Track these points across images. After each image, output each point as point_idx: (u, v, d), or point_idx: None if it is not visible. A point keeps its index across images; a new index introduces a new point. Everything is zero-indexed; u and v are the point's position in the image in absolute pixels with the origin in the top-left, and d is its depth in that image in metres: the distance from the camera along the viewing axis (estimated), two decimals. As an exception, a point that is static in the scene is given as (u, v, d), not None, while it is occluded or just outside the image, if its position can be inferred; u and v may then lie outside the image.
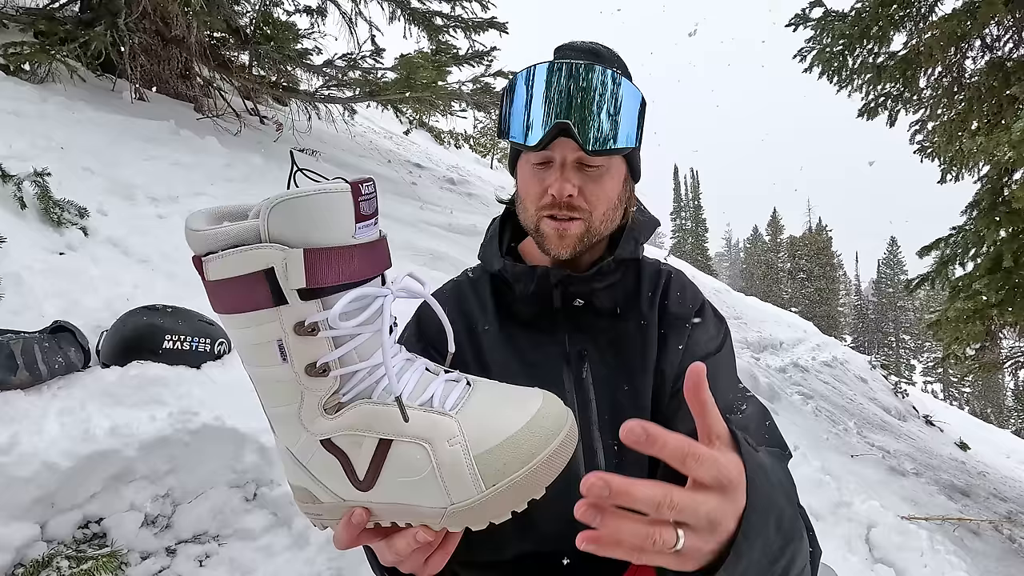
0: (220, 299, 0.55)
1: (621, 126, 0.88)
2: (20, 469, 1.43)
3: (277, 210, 0.52)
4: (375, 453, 0.55)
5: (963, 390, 38.33)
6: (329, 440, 0.56)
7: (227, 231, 0.53)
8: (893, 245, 49.30)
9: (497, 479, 0.53)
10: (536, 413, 0.55)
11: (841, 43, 5.83)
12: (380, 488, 0.55)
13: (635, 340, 0.94)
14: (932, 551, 3.76)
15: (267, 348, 0.55)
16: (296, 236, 0.52)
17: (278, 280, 0.52)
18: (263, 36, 6.15)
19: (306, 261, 0.52)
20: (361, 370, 0.56)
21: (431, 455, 0.53)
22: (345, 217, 0.54)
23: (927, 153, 6.60)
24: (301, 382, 0.55)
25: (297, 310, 0.53)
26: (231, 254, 0.52)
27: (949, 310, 5.40)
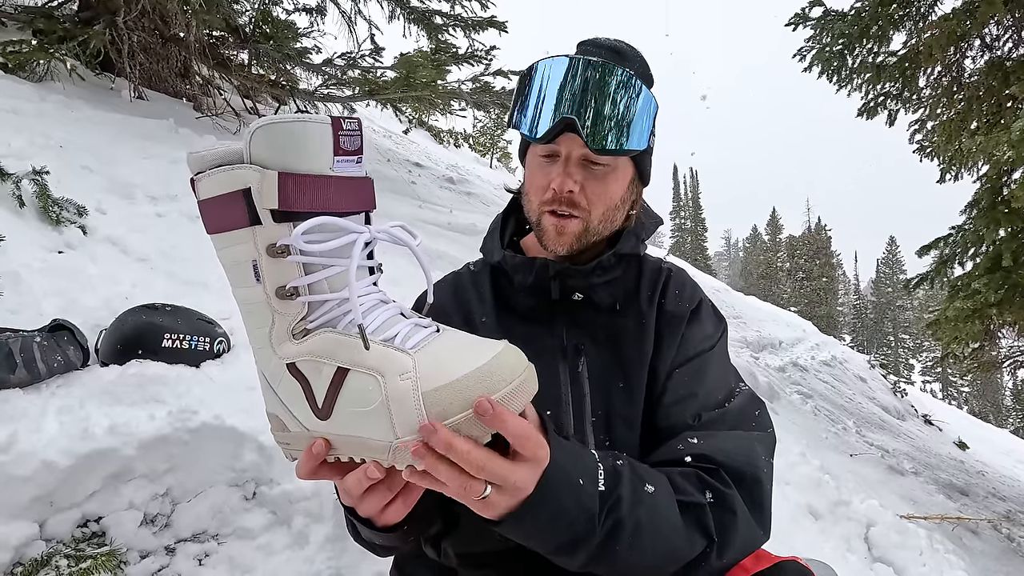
0: (207, 218, 0.59)
1: (630, 128, 0.87)
2: (19, 468, 1.42)
3: (259, 134, 0.55)
4: (332, 380, 0.57)
5: (962, 389, 38.37)
6: (294, 364, 0.59)
7: (216, 152, 0.57)
8: (892, 245, 49.34)
9: (442, 417, 0.54)
10: (490, 360, 0.56)
11: (841, 42, 5.84)
12: (336, 418, 0.58)
13: (632, 337, 0.94)
14: (931, 550, 3.77)
15: (244, 268, 0.58)
16: (274, 160, 0.55)
17: (253, 200, 0.55)
18: (262, 35, 6.14)
19: (280, 183, 0.54)
20: (330, 300, 0.59)
21: (383, 387, 0.55)
22: (323, 147, 0.56)
23: (926, 153, 6.61)
24: (272, 304, 0.58)
25: (269, 231, 0.56)
26: (216, 172, 0.57)
27: (948, 309, 5.41)
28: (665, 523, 0.71)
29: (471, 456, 0.54)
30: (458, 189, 8.32)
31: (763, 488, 0.81)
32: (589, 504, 0.65)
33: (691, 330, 0.96)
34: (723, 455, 0.80)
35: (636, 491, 0.69)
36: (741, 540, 0.76)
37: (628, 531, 0.67)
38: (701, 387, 0.91)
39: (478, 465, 0.55)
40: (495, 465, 0.56)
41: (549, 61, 0.89)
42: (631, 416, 0.90)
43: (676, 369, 0.93)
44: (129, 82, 5.19)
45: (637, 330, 0.94)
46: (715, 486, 0.77)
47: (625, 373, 0.92)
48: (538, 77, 0.89)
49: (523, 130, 0.91)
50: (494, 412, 0.54)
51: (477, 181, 9.58)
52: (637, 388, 0.91)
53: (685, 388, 0.91)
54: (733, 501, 0.77)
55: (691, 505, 0.74)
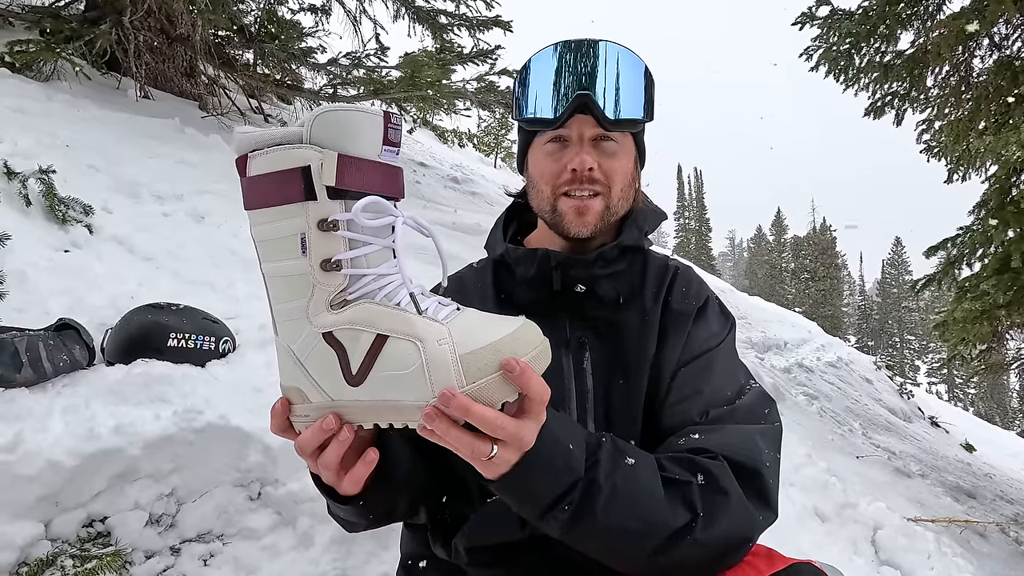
0: (256, 193, 0.63)
1: (633, 98, 0.91)
2: (24, 467, 1.42)
3: (320, 119, 0.61)
4: (371, 346, 0.62)
5: (968, 391, 38.16)
6: (331, 333, 0.63)
7: (274, 132, 0.63)
8: (898, 245, 49.12)
9: (477, 377, 0.59)
10: (515, 330, 0.63)
11: (848, 42, 5.80)
12: (369, 384, 0.62)
13: (635, 333, 0.93)
14: (939, 553, 3.74)
15: (290, 241, 0.63)
16: (332, 143, 0.61)
17: (312, 177, 0.60)
18: (267, 34, 6.15)
19: (339, 163, 0.60)
20: (369, 275, 0.64)
21: (421, 351, 0.60)
22: (375, 136, 0.63)
23: (934, 153, 6.57)
24: (315, 276, 0.63)
25: (323, 206, 0.61)
26: (275, 151, 0.62)
27: (956, 311, 5.37)
28: (643, 492, 0.72)
29: (486, 416, 0.59)
30: (463, 189, 8.32)
31: (763, 479, 0.80)
32: (575, 466, 0.69)
33: (697, 328, 0.95)
34: (722, 448, 0.80)
35: (615, 460, 0.72)
36: (731, 519, 0.74)
37: (605, 493, 0.69)
38: (708, 385, 0.90)
39: (492, 423, 0.60)
40: (508, 424, 0.61)
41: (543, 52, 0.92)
42: (631, 414, 0.90)
43: (682, 368, 0.92)
44: (135, 81, 5.21)
45: (640, 326, 0.94)
46: (708, 469, 0.77)
47: (626, 370, 0.91)
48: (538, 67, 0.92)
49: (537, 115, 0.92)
50: (522, 370, 0.59)
51: (481, 181, 9.57)
52: (637, 386, 0.90)
53: (691, 386, 0.90)
54: (725, 483, 0.76)
55: (675, 481, 0.75)
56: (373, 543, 1.74)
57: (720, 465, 0.77)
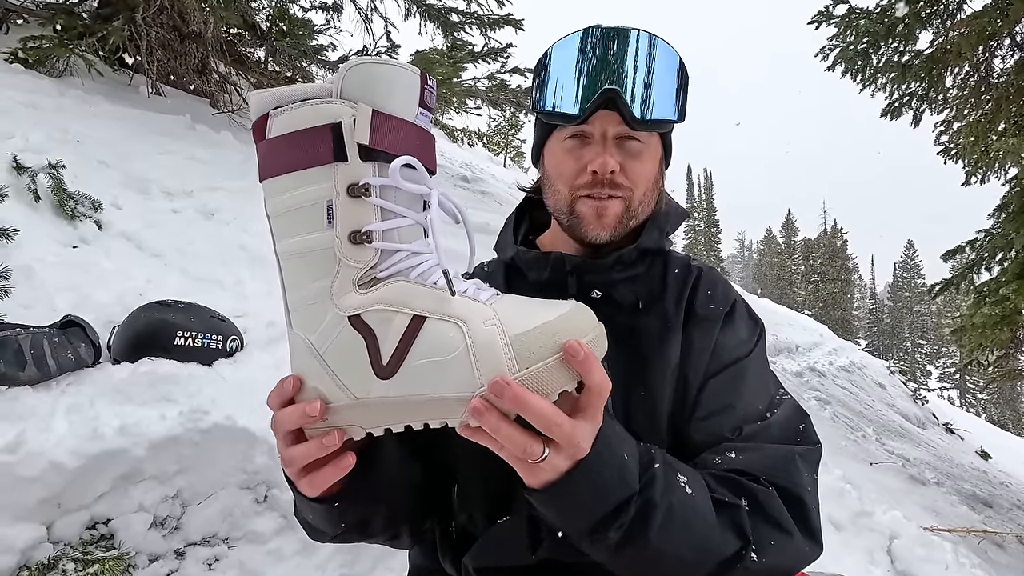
0: (277, 156, 0.56)
1: (667, 96, 0.83)
2: (26, 468, 1.39)
3: (354, 72, 0.55)
4: (407, 330, 0.54)
5: (980, 397, 37.69)
6: (359, 316, 0.56)
7: (300, 88, 0.56)
8: (910, 248, 48.62)
9: (531, 362, 0.52)
10: (569, 311, 0.56)
11: (865, 41, 5.71)
12: (402, 375, 0.54)
13: (656, 340, 0.87)
14: (957, 564, 3.65)
15: (313, 211, 0.56)
16: (367, 98, 0.55)
17: (343, 135, 0.54)
18: (279, 32, 6.14)
19: (373, 120, 0.54)
20: (402, 251, 0.57)
21: (466, 333, 0.53)
22: (412, 96, 0.57)
23: (951, 154, 6.45)
24: (341, 250, 0.55)
25: (354, 168, 0.55)
26: (301, 106, 0.55)
27: (975, 315, 5.27)
28: (697, 514, 0.65)
29: (544, 410, 0.52)
30: (472, 188, 8.28)
31: (806, 507, 0.74)
32: (630, 480, 0.61)
33: (725, 335, 0.88)
34: (762, 470, 0.74)
35: (668, 476, 0.65)
36: (780, 550, 0.69)
37: (660, 514, 0.62)
38: (739, 398, 0.83)
39: (551, 420, 0.52)
40: (564, 420, 0.53)
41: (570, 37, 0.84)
42: (653, 429, 0.83)
43: (710, 379, 0.85)
44: (147, 78, 5.21)
45: (662, 332, 0.87)
46: (754, 495, 0.71)
47: (646, 380, 0.84)
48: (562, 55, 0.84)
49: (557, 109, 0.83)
50: (586, 354, 0.52)
51: (491, 180, 9.53)
52: (659, 397, 0.83)
53: (721, 399, 0.83)
54: (775, 511, 0.70)
55: (726, 504, 0.68)
56: (380, 549, 1.70)
57: (768, 492, 0.71)
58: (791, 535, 0.70)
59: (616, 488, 0.60)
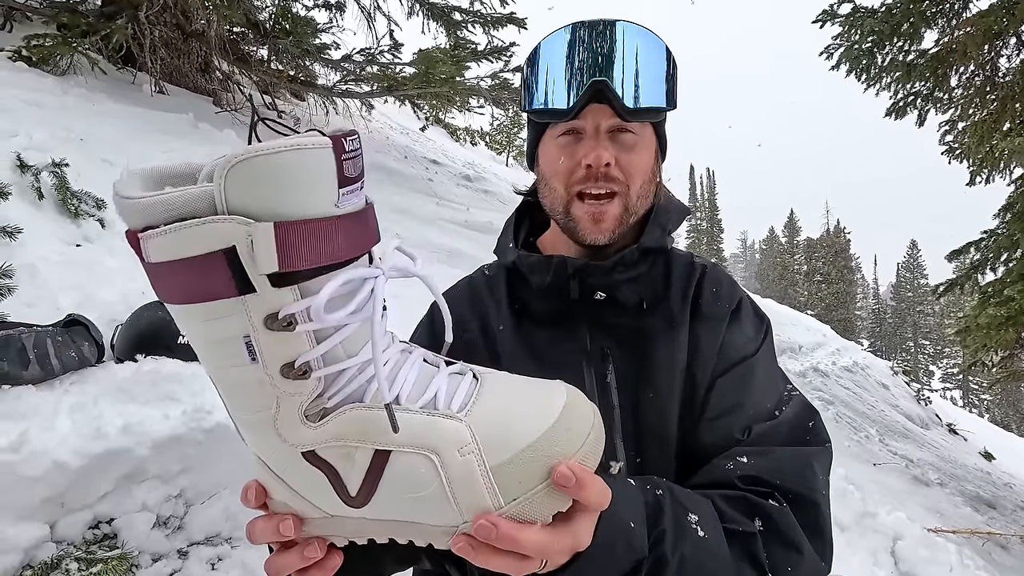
0: (166, 286, 0.44)
1: (656, 84, 0.82)
2: (29, 468, 1.39)
3: (236, 171, 0.41)
4: (370, 466, 0.47)
5: (983, 397, 37.56)
6: (313, 452, 0.48)
7: (171, 199, 0.42)
8: (914, 248, 48.49)
9: (518, 493, 0.46)
10: (560, 415, 0.48)
11: (870, 40, 5.68)
12: (376, 505, 0.48)
13: (662, 340, 0.85)
14: (961, 566, 3.64)
15: (230, 346, 0.45)
16: (262, 206, 0.42)
17: (242, 263, 0.42)
18: (282, 31, 6.14)
19: (278, 238, 0.41)
20: (350, 368, 0.47)
21: (439, 467, 0.46)
22: (326, 181, 0.43)
23: (955, 154, 6.43)
24: (276, 385, 0.46)
25: (267, 300, 0.43)
26: (177, 230, 0.42)
27: (980, 316, 5.24)
28: (711, 557, 0.64)
29: (538, 544, 0.48)
30: (475, 187, 8.27)
31: (820, 512, 0.73)
32: (639, 547, 0.59)
33: (732, 333, 0.86)
34: (777, 476, 0.73)
35: (679, 524, 0.63)
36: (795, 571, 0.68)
37: (673, 568, 0.61)
38: (748, 397, 0.82)
39: (549, 549, 0.49)
40: (561, 542, 0.51)
41: (557, 33, 0.83)
42: (662, 430, 0.81)
43: (718, 378, 0.83)
44: (150, 76, 5.21)
45: (667, 332, 0.85)
46: (766, 512, 0.70)
47: (654, 381, 0.83)
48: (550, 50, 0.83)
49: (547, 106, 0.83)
50: (578, 481, 0.47)
51: (494, 179, 9.52)
52: (668, 398, 0.82)
53: (730, 399, 0.82)
54: (787, 529, 0.69)
55: (739, 534, 0.67)
56: (384, 549, 1.70)
57: (782, 510, 0.70)
58: (803, 554, 0.70)
59: (624, 557, 0.58)
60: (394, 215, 5.10)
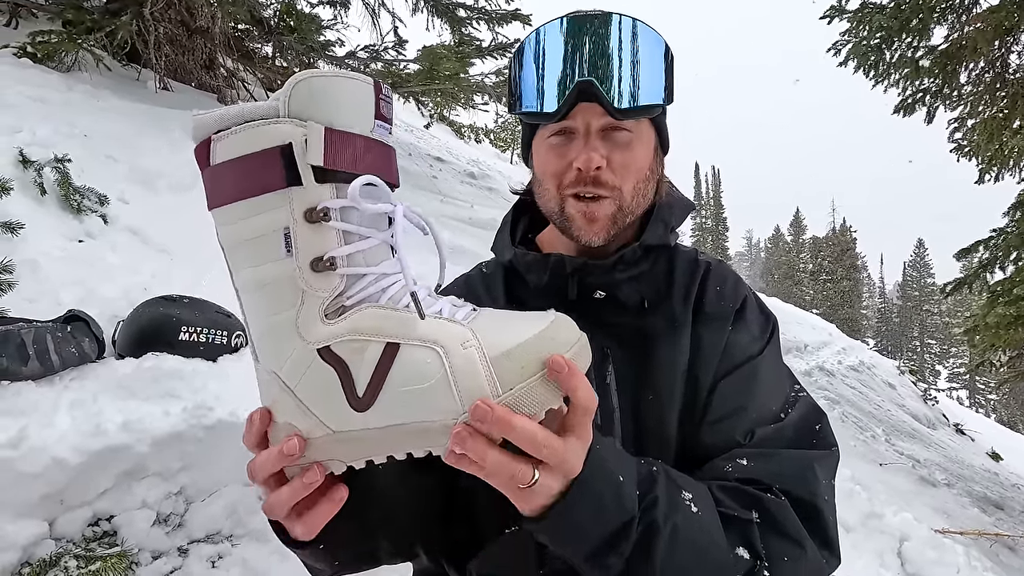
0: (225, 184, 0.52)
1: (650, 79, 0.78)
2: (28, 464, 1.38)
3: (300, 87, 0.51)
4: (380, 359, 0.51)
5: (989, 397, 37.34)
6: (328, 348, 0.52)
7: (243, 108, 0.51)
8: (920, 247, 48.20)
9: (515, 381, 0.50)
10: (549, 325, 0.53)
11: (879, 36, 5.62)
12: (380, 405, 0.51)
13: (664, 341, 0.83)
14: (968, 567, 3.60)
15: (270, 240, 0.52)
16: (317, 115, 0.51)
17: (295, 157, 0.50)
18: (286, 27, 6.12)
19: (326, 138, 0.50)
20: (369, 275, 0.54)
21: (443, 358, 0.51)
22: (367, 108, 0.53)
23: (964, 152, 6.37)
24: (304, 279, 0.52)
25: (310, 192, 0.51)
26: (246, 128, 0.51)
27: (988, 315, 5.19)
28: (705, 535, 0.62)
29: (531, 431, 0.50)
30: (479, 184, 8.26)
31: (822, 517, 0.71)
32: (628, 503, 0.58)
33: (736, 333, 0.84)
34: (776, 478, 0.70)
35: (672, 497, 0.62)
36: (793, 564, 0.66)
37: (665, 537, 0.59)
38: (752, 399, 0.79)
39: (538, 441, 0.50)
40: (553, 440, 0.51)
41: (542, 28, 0.79)
42: (663, 433, 0.79)
43: (722, 379, 0.81)
44: (155, 73, 5.21)
45: (669, 332, 0.83)
46: (766, 507, 0.67)
47: (654, 383, 0.80)
48: (534, 49, 0.79)
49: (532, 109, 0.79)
50: (570, 369, 0.50)
51: (498, 176, 9.51)
52: (669, 400, 0.80)
53: (733, 401, 0.79)
54: (789, 526, 0.67)
55: (734, 519, 0.65)
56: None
57: (780, 503, 0.68)
58: (805, 549, 0.67)
59: (614, 511, 0.57)
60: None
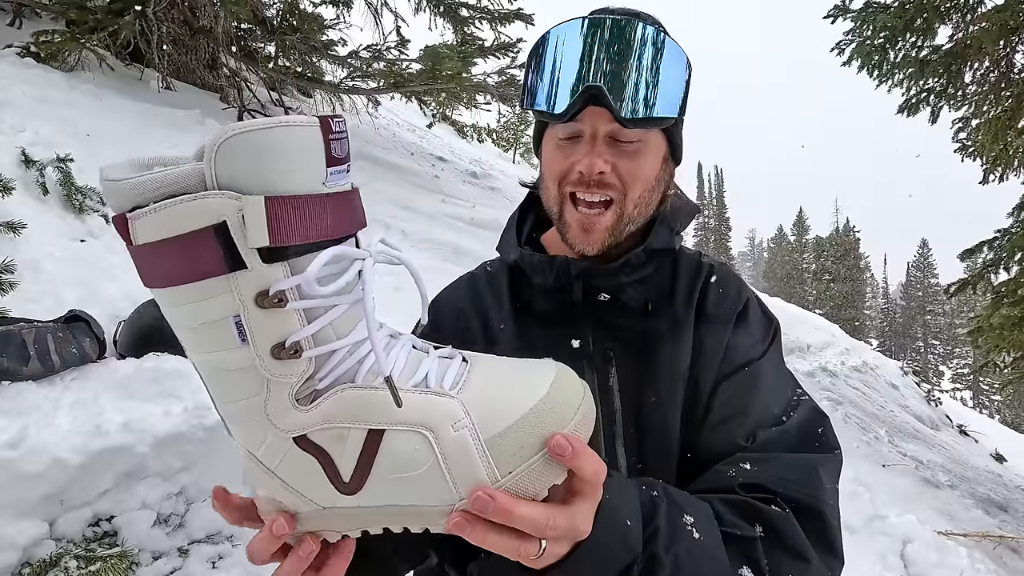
0: (154, 268, 0.44)
1: (661, 92, 0.76)
2: (29, 464, 1.38)
3: (227, 147, 0.41)
4: (364, 447, 0.47)
5: (993, 398, 37.20)
6: (305, 436, 0.47)
7: (161, 177, 0.42)
8: (924, 247, 48.04)
9: (514, 465, 0.46)
10: (550, 388, 0.49)
11: (883, 36, 5.60)
12: (370, 490, 0.48)
13: (666, 343, 0.82)
14: (972, 569, 3.59)
15: (219, 328, 0.45)
16: (253, 181, 0.42)
17: (232, 238, 0.42)
18: (289, 27, 6.13)
19: (268, 212, 0.42)
20: (340, 349, 0.47)
21: (433, 444, 0.46)
22: (315, 157, 0.44)
23: (969, 152, 6.34)
24: (266, 368, 0.45)
25: (258, 276, 0.43)
26: (167, 206, 0.42)
27: (993, 316, 5.17)
28: (706, 558, 0.61)
29: (536, 518, 0.47)
30: (482, 184, 8.25)
31: (827, 522, 0.70)
32: (633, 544, 0.58)
33: (738, 336, 0.83)
34: (779, 483, 0.70)
35: (673, 523, 0.61)
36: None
37: (667, 569, 0.58)
38: (753, 402, 0.79)
39: (543, 525, 0.48)
40: (560, 519, 0.49)
41: (562, 27, 0.78)
42: (664, 435, 0.79)
43: (723, 382, 0.80)
44: (157, 72, 5.22)
45: (671, 335, 0.82)
46: (767, 518, 0.67)
47: (657, 385, 0.80)
48: (551, 47, 0.78)
49: (540, 108, 0.78)
50: (574, 450, 0.47)
51: (501, 176, 9.49)
52: (671, 403, 0.79)
53: (734, 404, 0.78)
54: (789, 535, 0.66)
55: (737, 538, 0.65)
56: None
57: (784, 516, 0.67)
58: (809, 562, 0.66)
59: (620, 555, 0.56)
60: (400, 211, 5.09)
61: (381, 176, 6.09)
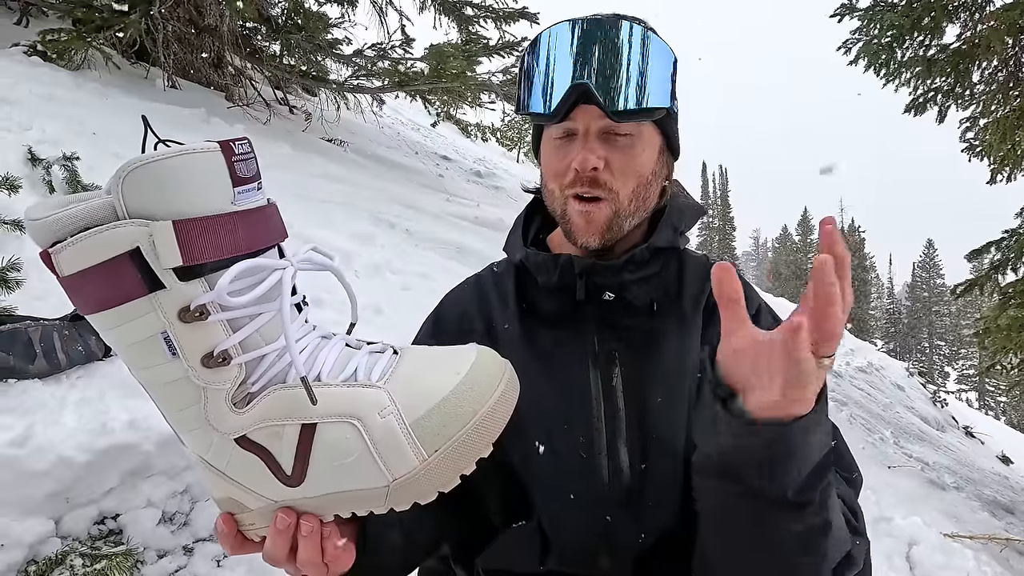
0: (83, 296, 0.48)
1: (648, 84, 0.77)
2: (35, 462, 1.38)
3: (131, 179, 0.45)
4: (299, 441, 0.51)
5: (999, 399, 37.00)
6: (244, 437, 0.52)
7: (74, 213, 0.46)
8: (930, 248, 47.79)
9: (439, 443, 0.50)
10: (470, 369, 0.53)
11: (890, 34, 5.56)
12: (312, 480, 0.52)
13: (673, 343, 0.82)
14: (978, 572, 3.57)
15: (150, 344, 0.49)
16: (161, 207, 0.46)
17: (147, 261, 0.46)
18: (294, 26, 6.14)
19: (178, 234, 0.46)
20: (269, 353, 0.52)
21: (362, 431, 0.50)
22: (219, 181, 0.48)
23: (976, 152, 6.29)
24: (199, 377, 0.49)
25: (178, 293, 0.47)
26: (83, 238, 0.46)
27: (1000, 317, 5.14)
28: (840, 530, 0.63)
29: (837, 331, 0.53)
30: (486, 183, 8.25)
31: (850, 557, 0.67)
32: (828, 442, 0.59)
33: None
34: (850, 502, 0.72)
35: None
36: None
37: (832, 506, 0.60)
38: None
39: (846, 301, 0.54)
40: None
41: (549, 31, 0.80)
42: (670, 437, 0.78)
43: None
44: (163, 71, 5.23)
45: (678, 335, 0.83)
46: None
47: (662, 386, 0.80)
48: (540, 50, 0.80)
49: (533, 110, 0.80)
50: None
51: (504, 175, 9.50)
52: (679, 403, 0.79)
53: None
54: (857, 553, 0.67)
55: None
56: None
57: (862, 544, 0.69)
58: None
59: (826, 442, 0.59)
60: (404, 210, 5.09)
61: (385, 175, 6.09)
